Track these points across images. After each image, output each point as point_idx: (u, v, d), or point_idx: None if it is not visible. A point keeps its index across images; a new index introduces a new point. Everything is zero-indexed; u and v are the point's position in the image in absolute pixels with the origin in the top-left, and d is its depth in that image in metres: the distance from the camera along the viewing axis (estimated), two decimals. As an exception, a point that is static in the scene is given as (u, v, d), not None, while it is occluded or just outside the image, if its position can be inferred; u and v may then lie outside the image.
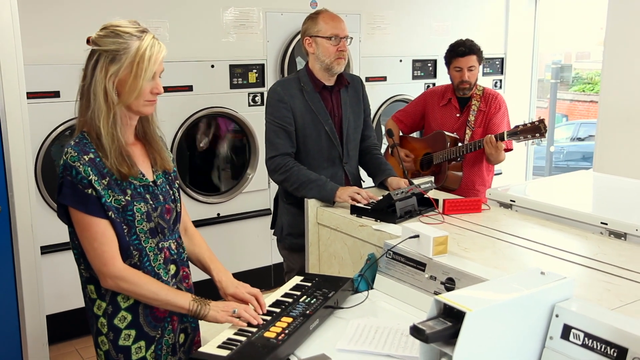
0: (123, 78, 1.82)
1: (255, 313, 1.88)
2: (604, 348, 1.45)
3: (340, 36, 2.91)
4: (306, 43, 2.97)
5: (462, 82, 3.64)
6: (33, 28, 3.59)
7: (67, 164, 1.81)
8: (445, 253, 2.05)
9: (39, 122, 3.65)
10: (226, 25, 4.41)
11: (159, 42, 1.87)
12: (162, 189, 1.99)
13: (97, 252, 1.82)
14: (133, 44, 1.82)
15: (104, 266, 1.83)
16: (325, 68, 2.94)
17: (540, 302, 1.55)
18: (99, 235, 1.82)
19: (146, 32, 1.87)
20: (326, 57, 2.91)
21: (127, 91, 1.82)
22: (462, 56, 3.61)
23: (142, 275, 1.87)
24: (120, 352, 1.91)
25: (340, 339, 1.80)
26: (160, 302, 1.88)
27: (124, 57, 1.81)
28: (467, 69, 3.61)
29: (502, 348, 1.51)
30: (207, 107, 4.36)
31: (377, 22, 5.13)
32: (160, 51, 1.86)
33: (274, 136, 2.92)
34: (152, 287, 1.86)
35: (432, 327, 1.45)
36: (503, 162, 3.61)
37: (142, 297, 1.87)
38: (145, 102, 1.87)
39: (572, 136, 15.18)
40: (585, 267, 2.03)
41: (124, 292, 1.87)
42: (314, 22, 2.94)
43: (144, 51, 1.82)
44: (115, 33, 1.83)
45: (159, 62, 1.86)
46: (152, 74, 1.85)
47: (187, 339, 2.06)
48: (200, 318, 1.89)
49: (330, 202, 2.77)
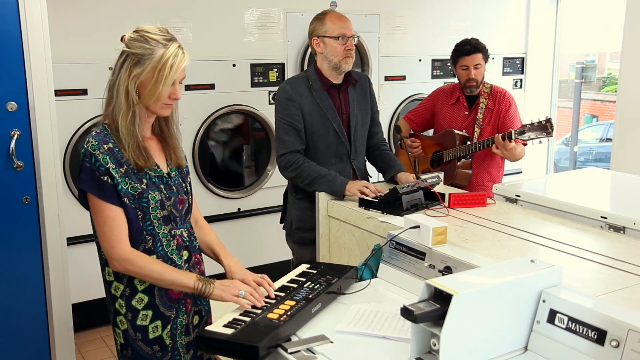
0: (144, 81, 1.95)
1: (259, 297, 1.96)
2: (586, 331, 1.52)
3: (347, 35, 2.99)
4: (314, 43, 3.05)
5: (469, 80, 3.70)
6: (61, 27, 3.75)
7: (88, 151, 1.95)
8: (444, 243, 2.13)
9: (67, 118, 3.81)
10: (248, 25, 4.52)
11: (183, 52, 1.99)
12: (175, 182, 2.11)
13: (107, 234, 1.95)
14: (158, 50, 1.94)
15: (112, 248, 1.95)
16: (333, 67, 3.03)
17: (529, 287, 1.63)
18: (109, 220, 1.95)
19: (173, 40, 1.99)
20: (334, 56, 3.00)
21: (147, 94, 1.96)
22: (468, 54, 3.67)
23: (146, 258, 1.98)
24: (138, 331, 2.03)
25: (340, 322, 1.89)
26: (165, 282, 1.98)
27: (148, 62, 1.93)
28: (473, 67, 3.67)
29: (490, 330, 1.59)
30: (228, 105, 4.48)
31: (397, 22, 5.20)
32: (182, 60, 1.98)
33: (283, 134, 3.02)
34: (156, 267, 1.97)
35: (421, 309, 1.54)
36: (523, 159, 3.64)
37: (147, 278, 1.98)
38: (162, 105, 2.01)
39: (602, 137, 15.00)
40: (580, 259, 2.09)
41: (131, 274, 1.98)
42: (321, 22, 3.03)
43: (167, 59, 1.94)
44: (144, 38, 1.96)
45: (180, 71, 1.98)
46: (171, 81, 1.97)
47: (202, 320, 2.18)
48: (205, 296, 1.98)
49: (340, 196, 2.86)
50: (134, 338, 2.04)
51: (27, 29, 2.93)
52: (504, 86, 4.02)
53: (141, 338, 2.04)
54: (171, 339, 2.07)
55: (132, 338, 2.04)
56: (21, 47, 2.94)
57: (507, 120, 3.68)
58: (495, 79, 3.87)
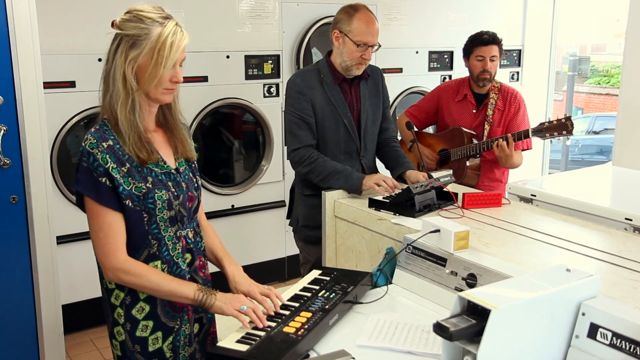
0: (143, 64, 1.79)
1: (262, 315, 1.81)
2: (633, 348, 1.42)
3: (369, 44, 2.85)
4: (334, 35, 2.91)
5: (484, 72, 3.56)
6: (50, 18, 3.57)
7: (86, 150, 1.79)
8: (466, 248, 2.02)
9: (55, 112, 3.64)
10: (242, 15, 4.38)
11: (181, 30, 1.84)
12: (185, 177, 1.96)
13: (102, 242, 1.80)
14: (154, 29, 1.79)
15: (105, 257, 1.81)
16: (344, 68, 2.91)
17: (566, 300, 1.53)
18: (105, 226, 1.80)
19: (169, 18, 1.84)
20: (348, 59, 2.87)
21: (147, 78, 1.79)
22: (486, 45, 3.54)
23: (143, 267, 1.83)
24: (137, 342, 1.89)
25: (360, 334, 1.77)
26: (164, 293, 1.83)
27: (145, 42, 1.78)
28: (489, 58, 3.55)
29: (527, 346, 1.49)
30: (222, 98, 4.34)
31: (394, 13, 5.08)
32: (182, 39, 1.82)
33: (296, 128, 2.90)
34: (153, 277, 1.82)
35: (456, 325, 1.42)
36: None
37: (144, 289, 1.84)
38: (164, 90, 1.84)
39: (588, 129, 15.06)
40: (610, 264, 1.99)
41: (126, 284, 1.84)
42: (349, 19, 2.86)
43: (165, 38, 1.78)
44: (138, 17, 1.80)
45: (180, 50, 1.82)
46: (173, 62, 1.81)
47: (202, 329, 2.04)
48: (205, 308, 1.84)
49: (358, 192, 2.75)
50: (132, 350, 1.90)
51: (14, 19, 2.80)
52: (501, 79, 3.90)
53: (140, 350, 1.90)
54: (172, 352, 1.93)
55: (130, 350, 1.90)
56: (7, 37, 2.80)
57: (514, 124, 3.56)
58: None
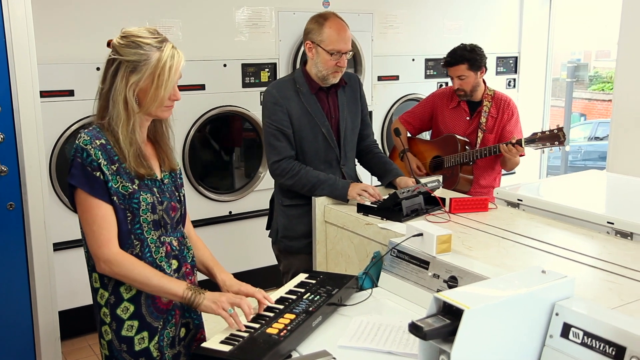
0: (144, 88, 1.88)
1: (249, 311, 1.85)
2: (603, 347, 1.45)
3: (342, 52, 2.84)
4: (307, 46, 2.90)
5: (457, 90, 3.63)
6: (47, 27, 3.63)
7: (79, 146, 1.86)
8: (449, 251, 2.06)
9: (53, 120, 3.70)
10: (239, 24, 4.43)
11: (178, 52, 1.92)
12: (169, 188, 2.03)
13: (95, 233, 1.86)
14: (153, 55, 1.87)
15: (99, 249, 1.86)
16: (320, 78, 2.90)
17: (541, 300, 1.56)
18: (98, 219, 1.85)
19: (166, 41, 1.92)
20: (324, 69, 2.86)
21: (149, 101, 1.89)
22: (451, 66, 3.59)
23: (136, 261, 1.88)
24: (123, 342, 1.94)
25: (342, 335, 1.81)
26: (153, 288, 1.88)
27: (145, 68, 1.87)
28: (456, 77, 3.58)
29: (502, 346, 1.52)
30: (219, 106, 4.38)
31: (390, 21, 5.12)
32: (179, 61, 1.92)
33: (273, 140, 2.89)
34: (144, 271, 1.87)
35: (430, 325, 1.46)
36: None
37: (135, 283, 1.88)
38: (164, 108, 1.94)
39: (590, 135, 15.04)
40: (588, 267, 2.02)
41: (117, 277, 1.89)
42: (320, 28, 2.84)
43: (164, 63, 1.87)
44: (136, 43, 1.88)
45: (178, 72, 1.92)
46: (172, 84, 1.90)
47: (188, 334, 2.08)
48: (194, 307, 1.88)
49: (344, 200, 2.77)
50: (119, 349, 1.95)
51: (11, 28, 2.85)
52: (497, 87, 3.94)
53: (126, 350, 1.95)
54: (159, 352, 1.98)
55: (117, 349, 1.95)
56: (4, 46, 2.85)
57: (507, 132, 3.60)
58: (489, 79, 3.78)
